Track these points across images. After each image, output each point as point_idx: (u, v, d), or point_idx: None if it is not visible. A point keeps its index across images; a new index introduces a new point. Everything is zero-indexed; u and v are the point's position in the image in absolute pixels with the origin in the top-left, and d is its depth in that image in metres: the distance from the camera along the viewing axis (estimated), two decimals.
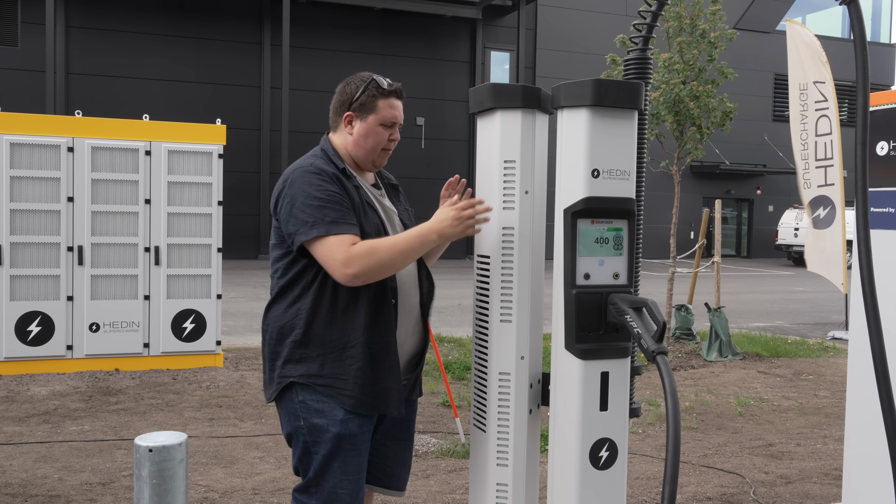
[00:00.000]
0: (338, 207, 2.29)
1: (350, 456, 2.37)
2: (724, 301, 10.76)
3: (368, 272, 2.25)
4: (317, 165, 2.37)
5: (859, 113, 1.94)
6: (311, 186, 2.31)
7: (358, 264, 2.23)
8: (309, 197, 2.29)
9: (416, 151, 23.69)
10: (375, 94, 2.44)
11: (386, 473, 2.60)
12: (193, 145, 7.26)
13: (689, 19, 8.59)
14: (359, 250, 2.24)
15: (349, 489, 2.37)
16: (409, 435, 2.63)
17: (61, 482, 4.34)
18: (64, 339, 6.95)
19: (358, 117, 2.45)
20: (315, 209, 2.28)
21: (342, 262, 2.24)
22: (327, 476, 2.36)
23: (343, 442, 2.35)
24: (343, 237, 2.26)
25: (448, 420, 5.83)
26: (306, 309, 2.36)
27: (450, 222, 2.28)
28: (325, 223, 2.26)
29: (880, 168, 3.44)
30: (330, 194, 2.30)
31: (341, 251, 2.24)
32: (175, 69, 21.14)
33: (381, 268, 2.27)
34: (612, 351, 2.27)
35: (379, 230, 2.40)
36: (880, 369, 1.87)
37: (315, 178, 2.32)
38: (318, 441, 2.36)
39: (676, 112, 8.54)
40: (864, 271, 1.89)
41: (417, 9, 22.39)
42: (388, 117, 2.46)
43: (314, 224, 2.27)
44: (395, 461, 2.60)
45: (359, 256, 2.23)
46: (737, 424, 5.97)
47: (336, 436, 2.34)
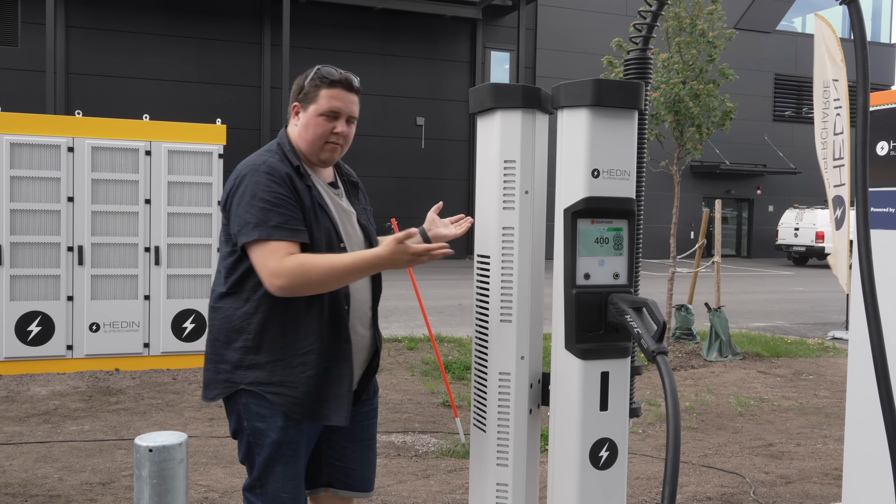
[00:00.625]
0: (283, 211, 2.23)
1: (290, 461, 2.35)
2: (724, 301, 10.76)
3: (295, 288, 2.20)
4: (269, 164, 2.30)
5: (859, 113, 1.94)
6: (259, 186, 2.25)
7: (286, 278, 2.18)
8: (255, 197, 2.23)
9: (416, 151, 23.69)
10: (318, 84, 2.37)
11: (350, 476, 2.56)
12: (193, 145, 7.26)
13: (689, 19, 8.59)
14: (290, 264, 2.18)
15: (290, 493, 2.37)
16: (370, 435, 2.60)
17: (61, 482, 4.34)
18: (64, 338, 6.95)
19: (302, 108, 2.39)
20: (260, 211, 2.22)
21: (270, 272, 2.19)
22: (270, 479, 2.36)
23: (283, 448, 2.33)
24: (280, 245, 2.20)
25: (448, 420, 5.83)
26: (256, 312, 2.30)
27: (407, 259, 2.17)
28: (266, 227, 2.21)
29: (880, 168, 3.44)
30: (277, 197, 2.24)
31: (273, 260, 2.19)
32: (175, 69, 21.14)
33: (309, 287, 2.21)
34: (612, 351, 2.27)
35: (330, 235, 2.33)
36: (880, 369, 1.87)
37: (265, 177, 2.26)
38: (260, 444, 2.34)
39: (676, 112, 8.53)
40: (864, 271, 1.89)
41: (417, 9, 22.39)
42: (325, 107, 2.35)
43: (256, 226, 2.21)
44: (358, 463, 2.56)
45: (288, 271, 2.17)
46: (737, 424, 5.97)
47: (276, 441, 2.32)
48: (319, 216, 2.33)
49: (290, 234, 2.22)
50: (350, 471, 2.55)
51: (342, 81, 2.38)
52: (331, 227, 2.35)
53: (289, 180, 2.29)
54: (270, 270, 2.19)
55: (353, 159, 20.62)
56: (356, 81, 2.43)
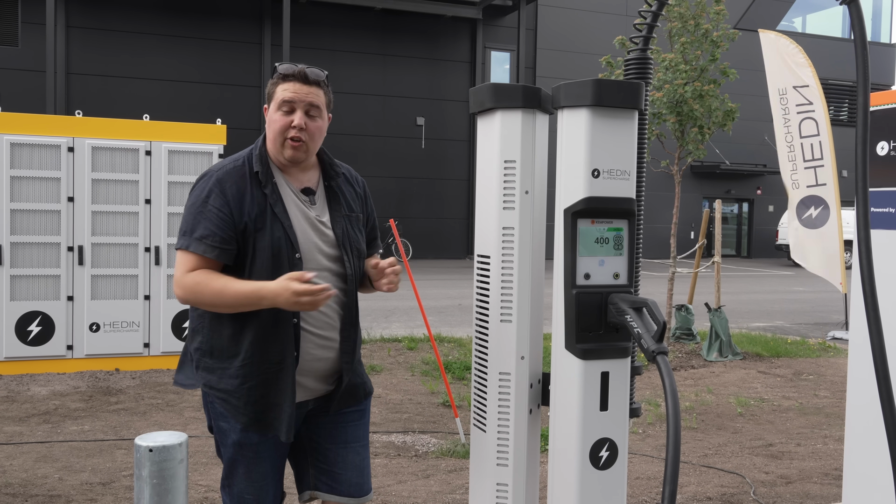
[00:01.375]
0: (208, 225, 2.24)
1: (253, 463, 2.35)
2: (724, 301, 10.76)
3: (191, 302, 2.27)
4: (224, 171, 2.31)
5: (860, 113, 1.93)
6: (200, 195, 2.28)
7: (182, 291, 2.25)
8: (193, 206, 2.29)
9: (416, 151, 23.69)
10: (276, 81, 2.35)
11: (337, 480, 2.47)
12: (194, 145, 7.26)
13: (693, 19, 8.58)
14: (189, 280, 2.24)
15: (254, 495, 2.36)
16: (356, 437, 2.51)
17: (61, 482, 4.34)
18: (64, 338, 6.95)
19: (268, 108, 2.38)
20: (192, 219, 2.27)
21: (175, 281, 2.28)
22: (234, 479, 2.37)
23: (244, 449, 2.34)
24: (192, 257, 2.25)
25: (448, 420, 5.83)
26: (205, 317, 2.35)
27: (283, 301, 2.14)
28: (189, 236, 2.26)
29: (880, 168, 3.44)
30: (209, 209, 2.25)
31: (179, 270, 2.26)
32: (175, 69, 21.14)
33: (203, 305, 2.27)
34: (612, 351, 2.27)
35: (280, 245, 2.27)
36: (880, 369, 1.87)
37: (210, 187, 2.28)
38: (224, 444, 2.38)
39: (679, 112, 8.53)
40: (865, 271, 1.89)
41: (417, 9, 22.39)
42: (279, 99, 2.31)
43: (183, 234, 2.28)
44: (343, 466, 2.47)
45: (186, 285, 2.24)
46: (737, 424, 5.97)
47: (237, 443, 2.34)
48: (271, 225, 2.29)
49: (207, 249, 2.24)
50: (336, 475, 2.47)
51: (296, 74, 2.33)
52: (283, 236, 2.29)
53: (236, 191, 2.28)
54: (175, 279, 2.27)
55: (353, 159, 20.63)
56: (315, 74, 2.35)
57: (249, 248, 2.27)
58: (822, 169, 8.80)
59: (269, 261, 2.27)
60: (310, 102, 2.32)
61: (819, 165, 8.79)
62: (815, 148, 8.80)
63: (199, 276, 2.23)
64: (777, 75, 9.07)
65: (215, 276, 2.24)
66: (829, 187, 8.84)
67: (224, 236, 2.25)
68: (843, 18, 30.18)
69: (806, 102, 8.80)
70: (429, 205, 23.66)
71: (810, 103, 8.79)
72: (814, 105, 8.78)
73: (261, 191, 2.31)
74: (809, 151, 8.82)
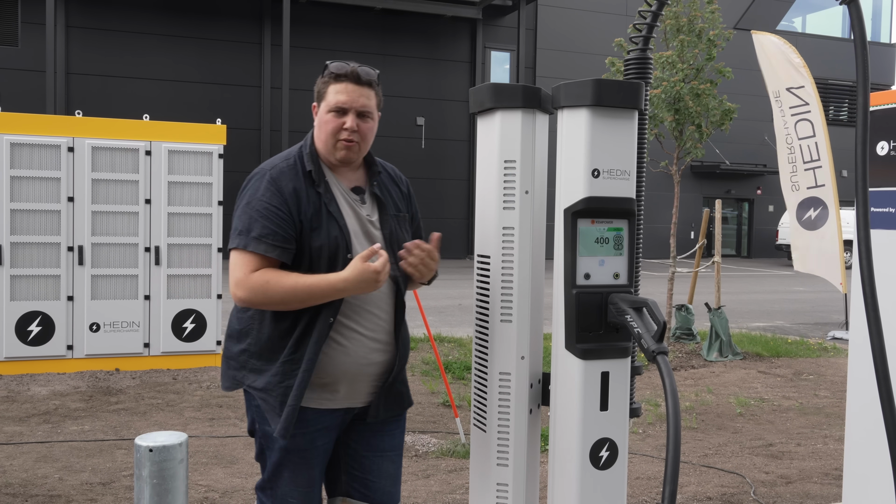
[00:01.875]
0: (267, 224, 2.19)
1: (300, 468, 2.31)
2: (724, 301, 10.76)
3: (256, 303, 2.21)
4: (278, 170, 2.27)
5: (860, 113, 1.93)
6: (256, 194, 2.24)
7: (248, 292, 2.18)
8: (249, 205, 2.24)
9: (416, 151, 23.69)
10: (327, 80, 2.31)
11: (369, 488, 2.45)
12: (194, 145, 7.26)
13: (687, 19, 8.59)
14: (255, 280, 2.17)
15: (298, 499, 2.33)
16: (392, 446, 2.49)
17: (62, 482, 4.34)
18: (64, 338, 6.95)
19: (318, 107, 2.35)
20: (248, 219, 2.22)
21: (235, 283, 2.20)
22: (278, 482, 2.33)
23: (291, 454, 2.30)
24: (252, 257, 2.19)
25: (448, 420, 5.83)
26: (259, 318, 2.30)
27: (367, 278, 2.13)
28: (247, 236, 2.20)
29: (880, 168, 3.44)
30: (267, 208, 2.21)
31: (241, 271, 2.19)
32: (175, 69, 21.14)
33: (270, 304, 2.21)
34: (612, 351, 2.27)
35: (338, 244, 2.25)
36: (881, 369, 1.87)
37: (265, 185, 2.24)
38: (270, 448, 2.33)
39: (676, 110, 8.54)
40: (865, 271, 1.89)
41: (417, 9, 22.39)
42: (333, 102, 2.28)
43: (240, 233, 2.22)
44: (377, 474, 2.45)
45: (252, 286, 2.17)
46: (737, 424, 5.97)
47: (284, 447, 2.29)
48: (326, 224, 2.26)
49: (268, 249, 2.19)
50: (369, 482, 2.45)
51: (349, 75, 2.30)
52: (339, 235, 2.26)
53: (293, 189, 2.24)
54: (236, 280, 2.20)
55: None
56: (367, 74, 2.34)
57: (306, 248, 2.24)
58: (820, 170, 8.82)
59: (326, 261, 2.24)
60: (362, 105, 2.30)
61: (817, 166, 8.81)
62: (812, 149, 8.83)
63: (267, 274, 2.18)
64: (771, 78, 9.14)
65: (283, 273, 2.19)
66: (828, 188, 8.86)
67: (284, 235, 2.21)
68: (843, 18, 30.18)
69: (801, 104, 8.83)
70: (429, 205, 23.65)
71: (805, 104, 8.82)
72: (809, 106, 8.80)
73: (314, 189, 2.28)
74: (808, 153, 8.85)
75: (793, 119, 8.88)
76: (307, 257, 2.24)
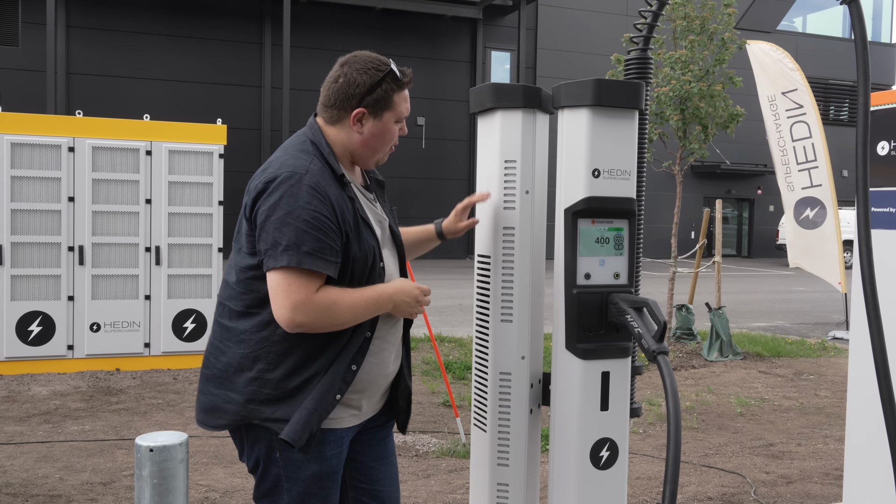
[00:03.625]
0: (319, 237, 1.92)
1: (330, 493, 2.11)
2: (724, 301, 10.76)
3: (315, 327, 1.95)
4: (313, 174, 1.98)
5: (860, 113, 1.94)
6: (298, 201, 1.93)
7: (311, 315, 1.92)
8: (291, 215, 1.92)
9: (416, 151, 23.70)
10: (392, 87, 2.10)
11: (377, 498, 2.32)
12: (194, 145, 7.27)
13: (700, 20, 8.57)
14: (320, 301, 1.93)
15: None
16: (391, 451, 2.41)
17: (62, 482, 4.34)
18: (65, 338, 6.96)
19: (371, 115, 2.09)
20: (294, 231, 1.91)
21: (293, 306, 1.91)
22: None
23: (323, 480, 2.08)
24: (309, 276, 1.92)
25: (449, 420, 5.83)
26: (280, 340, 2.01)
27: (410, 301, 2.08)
28: (298, 252, 1.90)
29: (881, 168, 3.44)
30: (317, 218, 1.93)
31: (301, 293, 1.91)
32: (175, 69, 21.15)
33: (331, 326, 1.97)
34: (612, 351, 2.27)
35: (375, 255, 2.08)
36: (881, 369, 1.87)
37: (306, 192, 1.94)
38: (296, 478, 2.06)
39: (683, 110, 8.53)
40: (865, 271, 1.89)
41: (418, 9, 22.39)
42: (402, 112, 2.15)
43: (287, 249, 1.91)
44: (386, 483, 2.36)
45: (316, 308, 1.92)
46: (737, 424, 5.97)
47: (317, 473, 2.06)
48: (363, 232, 2.05)
49: (325, 265, 1.93)
50: (378, 493, 2.32)
51: (411, 80, 2.20)
52: (375, 244, 2.08)
53: (335, 196, 1.99)
54: (294, 303, 1.90)
55: None
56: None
57: (349, 259, 2.02)
58: (816, 170, 8.86)
59: (361, 272, 2.06)
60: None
61: (813, 167, 8.85)
62: (808, 150, 8.89)
63: (332, 293, 1.95)
64: (765, 83, 9.24)
65: (345, 290, 1.98)
66: (825, 188, 8.87)
67: (336, 248, 1.96)
68: (843, 18, 30.17)
69: (796, 106, 8.92)
70: (429, 205, 23.64)
71: (800, 106, 8.90)
72: (804, 108, 8.89)
73: (346, 195, 2.05)
74: (802, 154, 8.92)
75: (788, 122, 8.96)
76: (349, 269, 2.03)
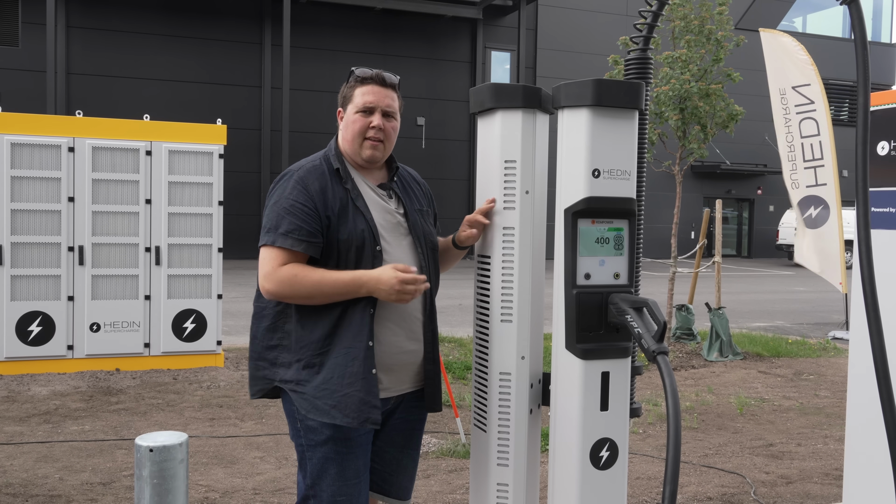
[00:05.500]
0: (294, 220, 2.29)
1: (346, 460, 2.32)
2: (724, 301, 10.76)
3: (283, 296, 2.29)
4: (305, 170, 2.37)
5: (860, 113, 1.94)
6: (283, 192, 2.34)
7: (275, 284, 2.27)
8: (276, 203, 2.33)
9: (416, 151, 23.69)
10: (353, 84, 2.43)
11: (386, 480, 2.52)
12: (194, 145, 7.26)
13: (698, 20, 8.58)
14: (284, 274, 2.26)
15: (347, 495, 2.32)
16: (413, 443, 2.55)
17: (62, 482, 4.34)
18: (64, 338, 6.95)
19: (343, 111, 2.46)
20: (276, 216, 2.31)
21: (264, 276, 2.29)
22: (325, 482, 2.31)
23: (338, 445, 2.31)
24: (280, 252, 2.28)
25: (449, 420, 5.83)
26: (287, 310, 2.37)
27: (387, 289, 2.24)
28: (275, 232, 2.29)
29: (881, 168, 3.44)
30: (293, 204, 2.30)
31: (270, 265, 2.28)
32: (175, 69, 21.14)
33: (298, 298, 2.30)
34: (612, 351, 2.27)
35: (364, 238, 2.33)
36: (881, 369, 1.87)
37: (293, 184, 2.34)
38: (314, 444, 2.33)
39: (682, 109, 8.53)
40: (865, 271, 1.89)
41: (418, 9, 22.39)
42: (360, 103, 2.40)
43: (268, 231, 2.31)
44: (396, 469, 2.52)
45: (280, 279, 2.26)
46: (737, 424, 5.97)
47: (331, 438, 2.31)
48: (353, 218, 2.34)
49: (294, 243, 2.28)
50: (388, 476, 2.52)
51: (374, 77, 2.43)
52: (366, 228, 2.35)
53: (319, 187, 2.33)
54: (265, 274, 2.29)
55: None
56: (390, 78, 2.47)
57: (334, 241, 2.32)
58: (822, 169, 8.80)
59: (354, 253, 2.32)
60: (387, 105, 2.43)
61: (819, 165, 8.79)
62: (816, 148, 8.81)
63: (295, 268, 2.27)
64: (777, 75, 9.10)
65: (310, 268, 2.28)
66: (830, 187, 8.84)
67: (310, 230, 2.29)
68: (843, 18, 30.17)
69: (806, 102, 8.80)
70: None
71: (811, 102, 8.79)
72: (815, 104, 8.78)
73: (342, 186, 2.38)
74: (809, 151, 8.83)
75: (797, 117, 8.85)
76: (335, 250, 2.32)
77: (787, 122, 8.96)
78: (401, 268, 2.24)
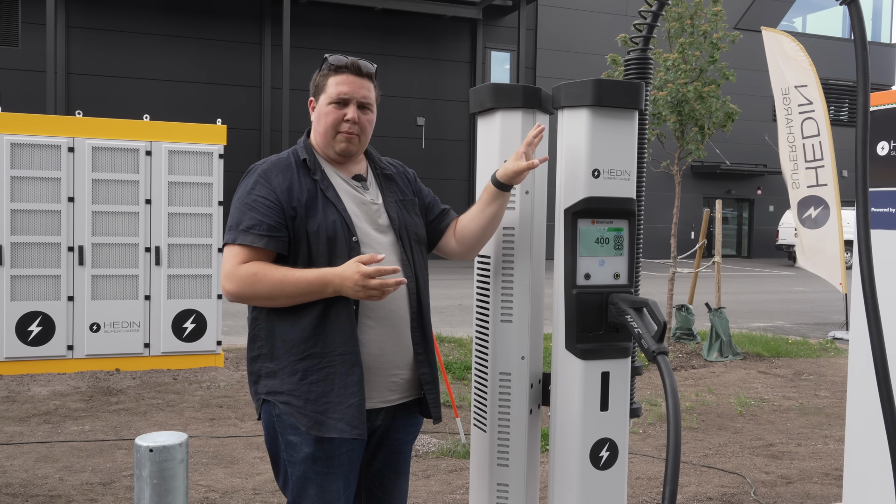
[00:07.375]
0: (255, 215, 2.14)
1: (326, 480, 2.15)
2: (724, 301, 10.76)
3: (244, 297, 2.14)
4: (269, 163, 2.25)
5: (860, 113, 1.94)
6: (245, 188, 2.22)
7: (236, 284, 2.12)
8: (239, 199, 2.21)
9: (416, 151, 23.68)
10: (327, 73, 2.28)
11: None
12: (194, 145, 7.26)
13: (690, 20, 8.59)
14: (243, 272, 2.11)
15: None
16: (408, 466, 2.41)
17: (62, 482, 4.34)
18: (64, 339, 6.95)
19: (315, 101, 2.30)
20: (238, 213, 2.18)
21: (224, 276, 2.14)
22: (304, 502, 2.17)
23: (317, 464, 2.14)
24: (242, 250, 2.13)
25: (449, 420, 5.84)
26: (260, 317, 2.22)
27: (351, 285, 2.03)
28: (236, 229, 2.16)
29: (880, 168, 3.44)
30: (255, 200, 2.16)
31: (230, 264, 2.14)
32: (175, 69, 21.14)
33: (260, 299, 2.14)
34: (612, 351, 2.27)
35: (335, 229, 2.16)
36: (881, 369, 1.87)
37: (254, 179, 2.21)
38: (294, 461, 2.17)
39: (679, 112, 8.54)
40: (865, 271, 1.89)
41: (417, 9, 22.38)
42: (334, 94, 2.23)
43: (230, 228, 2.19)
44: (398, 496, 2.37)
45: (240, 278, 2.11)
46: (737, 424, 5.97)
47: (310, 456, 2.14)
48: (323, 209, 2.18)
49: (255, 239, 2.13)
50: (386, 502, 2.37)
51: (349, 66, 2.27)
52: (338, 219, 2.17)
53: (282, 180, 2.19)
54: (225, 273, 2.14)
55: None
56: (366, 66, 2.29)
57: (302, 234, 2.15)
58: (822, 169, 8.80)
59: (325, 246, 2.15)
60: (363, 96, 2.25)
61: (820, 166, 8.79)
62: (816, 148, 8.82)
63: (255, 266, 2.11)
64: (779, 74, 9.09)
65: (272, 266, 2.12)
66: (830, 187, 8.84)
67: (272, 224, 2.14)
68: (843, 18, 30.17)
69: (806, 102, 8.81)
70: None
71: (810, 103, 8.80)
72: (814, 105, 8.79)
73: (310, 177, 2.22)
74: (811, 152, 8.83)
75: (800, 117, 8.85)
76: (305, 243, 2.16)
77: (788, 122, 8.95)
78: (364, 259, 2.03)
